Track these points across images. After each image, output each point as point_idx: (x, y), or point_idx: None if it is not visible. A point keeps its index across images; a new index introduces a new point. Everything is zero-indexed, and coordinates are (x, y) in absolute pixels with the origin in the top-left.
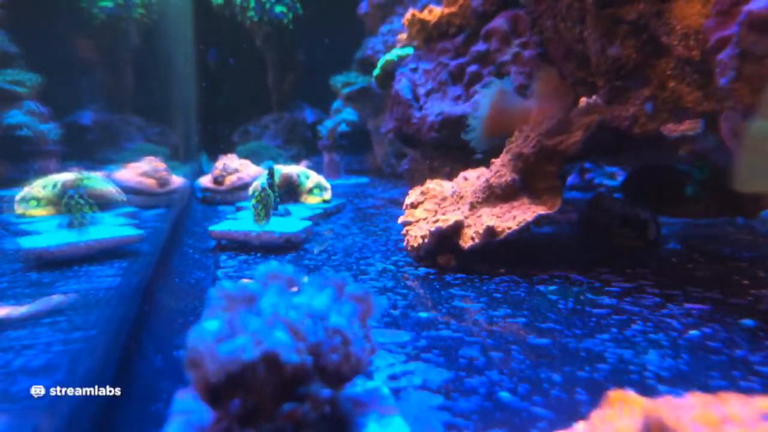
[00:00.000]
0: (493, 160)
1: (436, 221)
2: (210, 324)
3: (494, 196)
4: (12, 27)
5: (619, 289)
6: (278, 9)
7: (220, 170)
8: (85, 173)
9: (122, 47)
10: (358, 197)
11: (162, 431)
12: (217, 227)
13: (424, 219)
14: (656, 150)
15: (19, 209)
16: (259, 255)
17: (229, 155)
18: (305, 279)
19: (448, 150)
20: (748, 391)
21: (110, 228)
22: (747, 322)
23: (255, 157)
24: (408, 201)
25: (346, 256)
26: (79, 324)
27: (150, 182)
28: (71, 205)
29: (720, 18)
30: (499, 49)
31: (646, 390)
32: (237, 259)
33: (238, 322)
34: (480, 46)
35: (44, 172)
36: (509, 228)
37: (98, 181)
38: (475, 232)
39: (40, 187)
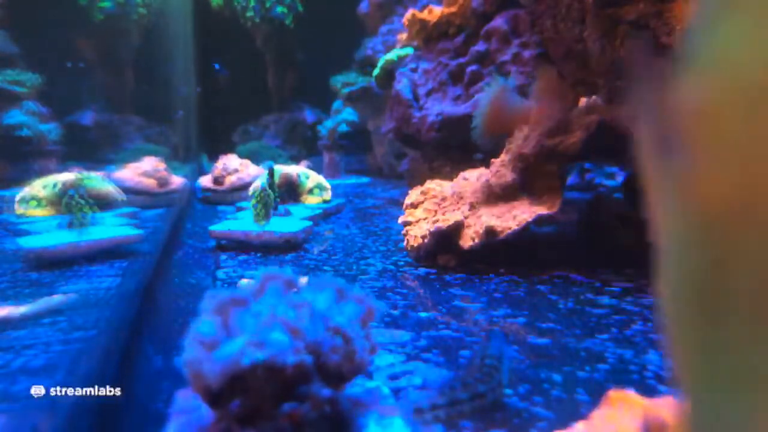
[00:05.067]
0: (493, 160)
1: (436, 221)
2: (207, 327)
3: (494, 196)
4: (12, 27)
5: (619, 289)
6: (279, 9)
7: (220, 170)
8: (85, 173)
9: (122, 47)
10: (358, 197)
11: (162, 431)
12: (217, 227)
13: (424, 219)
14: None
15: (19, 209)
16: (259, 255)
17: (229, 155)
18: (304, 280)
19: (448, 150)
20: None
21: (110, 228)
22: None
23: (255, 157)
24: (408, 201)
25: (346, 256)
26: (79, 324)
27: (150, 182)
28: (71, 205)
29: None
30: (499, 49)
31: (646, 390)
32: (237, 259)
33: (235, 324)
34: (480, 46)
35: (44, 172)
36: (509, 228)
37: (98, 181)
38: (475, 232)
39: (40, 187)
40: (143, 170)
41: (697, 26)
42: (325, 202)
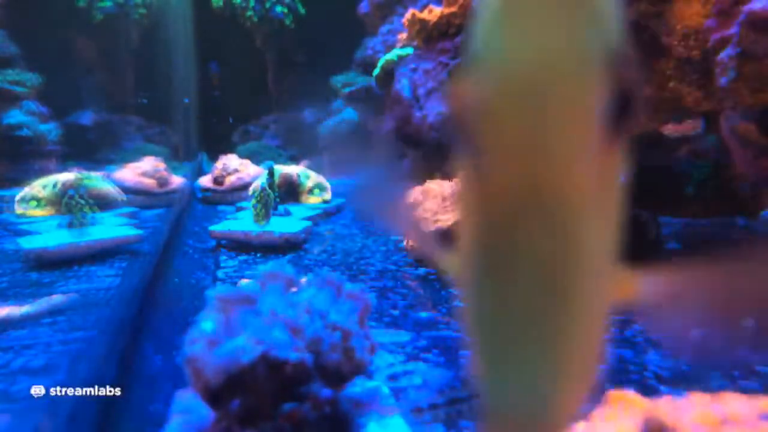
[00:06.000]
0: None
1: (437, 221)
2: (208, 325)
3: None
4: (12, 27)
5: None
6: (279, 9)
7: (220, 170)
8: (85, 173)
9: (122, 47)
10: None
11: (162, 431)
12: (217, 227)
13: (425, 219)
14: (656, 150)
15: (19, 209)
16: (259, 255)
17: (229, 155)
18: (304, 279)
19: (449, 150)
20: (748, 391)
21: (110, 228)
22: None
23: (255, 157)
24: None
25: (346, 256)
26: (79, 324)
27: (150, 182)
28: (71, 205)
29: (720, 18)
30: None
31: (646, 390)
32: (237, 259)
33: (236, 322)
34: None
35: (44, 172)
36: None
37: (98, 181)
38: None
39: (40, 187)
40: (143, 170)
41: (476, 30)
42: (325, 202)
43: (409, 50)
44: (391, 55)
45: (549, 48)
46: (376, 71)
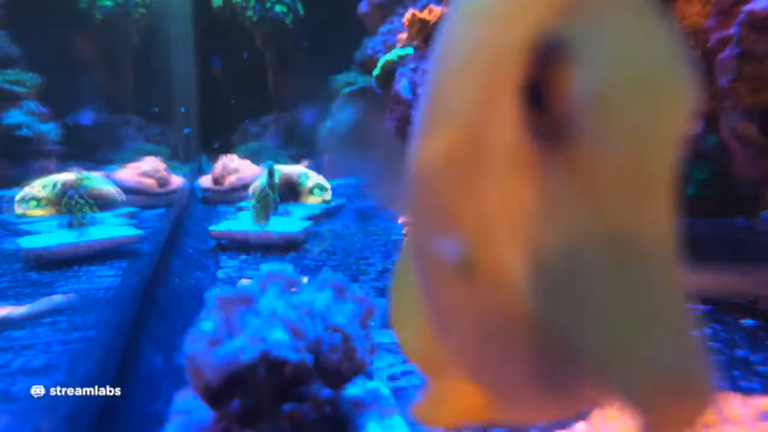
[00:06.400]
0: None
1: None
2: (208, 325)
3: None
4: (12, 27)
5: None
6: (278, 8)
7: (220, 170)
8: (85, 173)
9: (122, 47)
10: (358, 197)
11: (162, 431)
12: (217, 227)
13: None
14: None
15: (19, 209)
16: (259, 255)
17: (229, 155)
18: (305, 279)
19: None
20: (748, 391)
21: (110, 228)
22: (747, 322)
23: (255, 157)
24: None
25: (346, 256)
26: (79, 324)
27: (150, 182)
28: (71, 205)
29: (720, 18)
30: None
31: None
32: (237, 259)
33: (236, 323)
34: None
35: (44, 172)
36: None
37: (98, 181)
38: None
39: (40, 187)
40: (143, 170)
41: (574, 23)
42: (325, 202)
43: (409, 50)
44: (391, 55)
45: (658, 51)
46: (376, 71)
